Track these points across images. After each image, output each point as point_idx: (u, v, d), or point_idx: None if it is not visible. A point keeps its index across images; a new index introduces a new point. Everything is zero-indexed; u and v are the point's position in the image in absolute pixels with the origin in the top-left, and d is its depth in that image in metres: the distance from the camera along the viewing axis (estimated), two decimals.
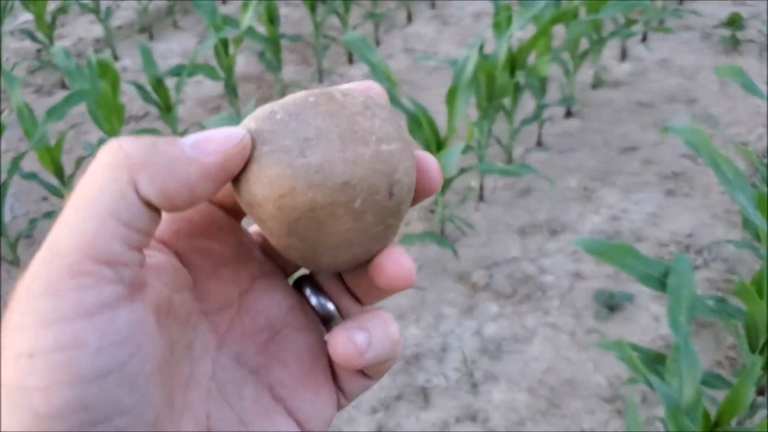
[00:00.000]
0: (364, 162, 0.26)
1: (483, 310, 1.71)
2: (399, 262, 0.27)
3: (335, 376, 0.30)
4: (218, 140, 0.25)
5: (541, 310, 1.70)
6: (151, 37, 3.20)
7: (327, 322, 0.31)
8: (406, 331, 1.67)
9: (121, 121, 2.01)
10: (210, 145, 0.25)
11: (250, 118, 0.27)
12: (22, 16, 3.40)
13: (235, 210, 0.30)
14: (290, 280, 0.33)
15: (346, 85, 0.29)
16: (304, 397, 0.29)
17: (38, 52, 3.17)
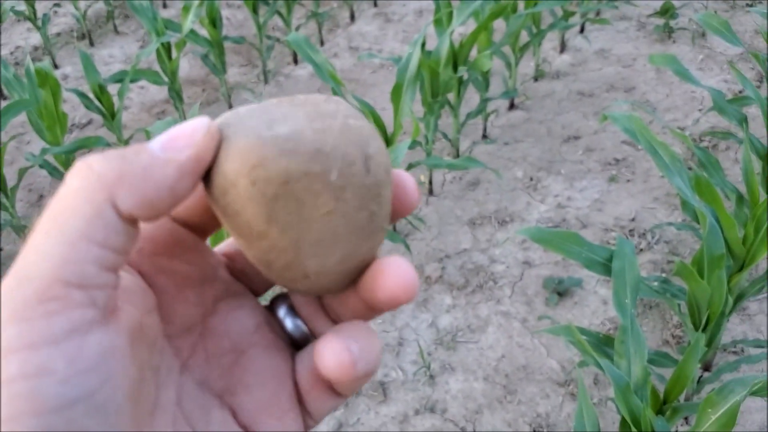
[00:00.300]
0: (333, 132, 0.25)
1: (437, 303, 1.73)
2: (401, 271, 0.26)
3: (301, 399, 0.29)
4: (186, 134, 0.24)
5: (494, 299, 1.73)
6: (91, 44, 3.13)
7: (300, 345, 0.30)
8: None
9: (64, 130, 1.96)
10: (179, 141, 0.24)
11: (218, 118, 0.26)
12: None
13: (199, 228, 0.29)
14: (262, 300, 0.31)
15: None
16: (268, 423, 0.28)
17: None
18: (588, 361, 1.32)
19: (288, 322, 0.30)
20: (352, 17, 3.17)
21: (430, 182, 2.07)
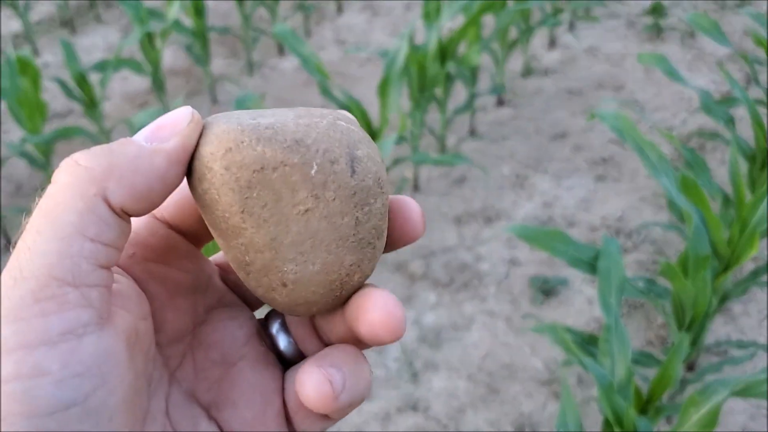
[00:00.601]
0: (319, 128, 0.24)
1: (421, 300, 1.72)
2: (388, 309, 0.25)
3: (289, 418, 0.28)
4: (171, 123, 0.24)
5: (479, 297, 1.72)
6: (73, 32, 3.08)
7: (292, 363, 0.29)
8: None
9: (44, 119, 1.93)
10: (164, 130, 0.24)
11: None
12: None
13: (194, 236, 0.28)
14: (256, 314, 0.31)
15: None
16: None
17: None
18: (572, 360, 1.31)
19: (281, 339, 0.29)
20: (339, 9, 3.15)
21: (416, 178, 2.06)
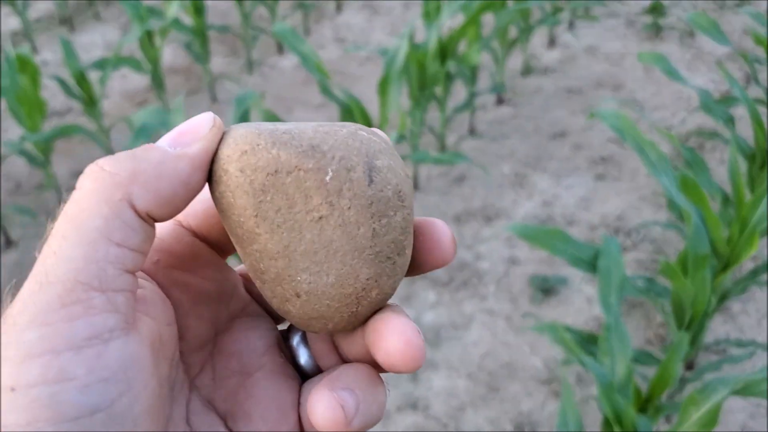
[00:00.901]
0: (337, 136, 0.24)
1: (421, 299, 1.72)
2: (406, 337, 0.24)
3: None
4: (193, 129, 0.24)
5: (478, 296, 1.72)
6: (72, 29, 3.07)
7: (309, 376, 0.29)
8: None
9: (43, 118, 1.92)
10: (187, 136, 0.24)
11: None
12: None
13: (219, 245, 0.28)
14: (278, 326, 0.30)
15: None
16: None
17: None
18: (572, 359, 1.31)
19: (301, 353, 0.29)
20: (339, 8, 3.14)
21: (416, 177, 2.06)
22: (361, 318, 0.26)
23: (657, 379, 1.17)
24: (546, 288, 1.71)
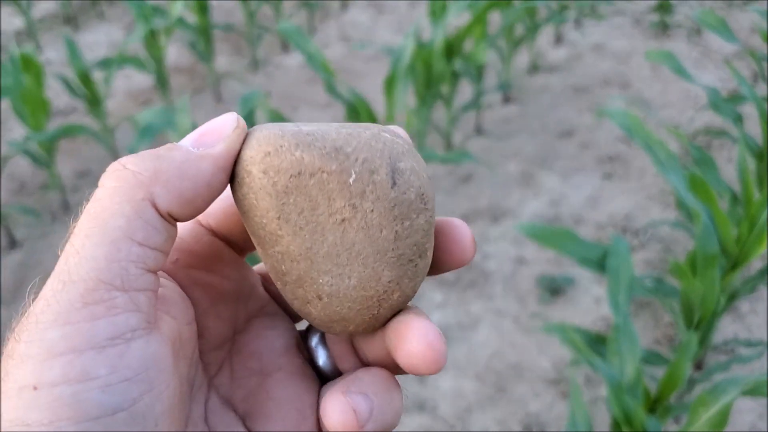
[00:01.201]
0: (361, 138, 0.24)
1: (428, 299, 1.71)
2: (429, 340, 0.24)
3: None
4: (217, 130, 0.24)
5: (485, 296, 1.71)
6: (75, 29, 3.07)
7: (327, 377, 0.29)
8: None
9: (47, 117, 1.92)
10: (211, 136, 0.24)
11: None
12: None
13: (238, 244, 0.28)
14: (297, 325, 0.30)
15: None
16: None
17: None
18: (581, 360, 1.30)
19: (319, 354, 0.29)
20: (344, 6, 3.13)
21: None
22: (381, 320, 0.26)
23: (666, 379, 1.16)
24: (553, 288, 1.70)
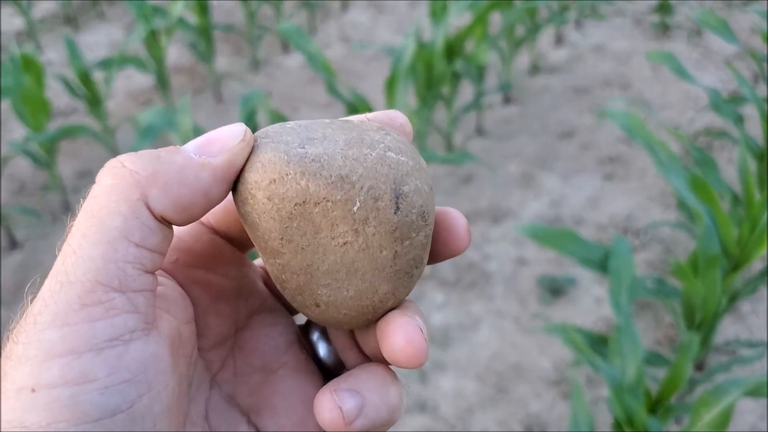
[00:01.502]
0: (367, 162, 0.24)
1: (429, 300, 1.71)
2: (409, 337, 0.24)
3: None
4: (222, 139, 0.24)
5: (486, 296, 1.71)
6: (76, 29, 3.07)
7: (332, 372, 0.29)
8: None
9: (48, 117, 1.92)
10: (215, 145, 0.24)
11: (264, 128, 0.26)
12: None
13: (239, 240, 0.28)
14: (296, 318, 0.31)
15: (371, 114, 0.27)
16: None
17: None
18: (582, 360, 1.30)
19: (320, 347, 0.29)
20: (344, 7, 3.13)
21: None
22: (376, 320, 0.26)
23: (668, 380, 1.16)
24: (554, 288, 1.70)
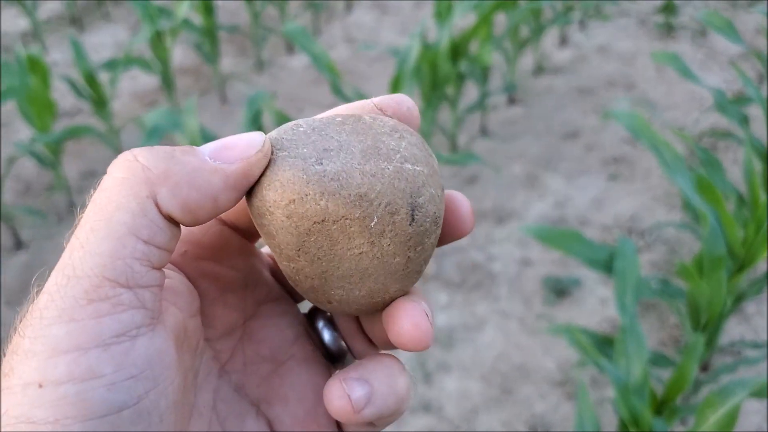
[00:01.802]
0: (384, 177, 0.24)
1: (433, 300, 1.71)
2: (415, 321, 0.25)
3: None
4: (240, 147, 0.24)
5: (491, 297, 1.71)
6: (81, 30, 3.08)
7: (337, 358, 0.29)
8: None
9: (53, 118, 1.93)
10: (232, 152, 0.24)
11: (274, 131, 0.26)
12: None
13: (248, 231, 0.28)
14: (301, 306, 0.31)
15: (378, 99, 0.27)
16: None
17: None
18: (587, 361, 1.30)
19: (326, 335, 0.29)
20: (348, 8, 3.14)
21: None
22: (383, 309, 0.27)
23: (673, 381, 1.16)
24: (559, 289, 1.70)
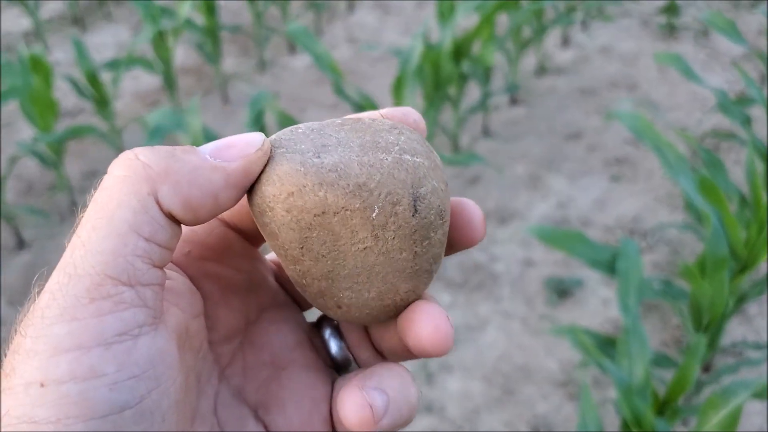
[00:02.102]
0: (383, 168, 0.24)
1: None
2: (435, 323, 0.25)
3: (334, 426, 0.28)
4: (240, 146, 0.24)
5: (493, 298, 1.71)
6: (83, 30, 3.08)
7: (341, 367, 0.29)
8: None
9: (55, 118, 1.93)
10: (232, 151, 0.24)
11: (274, 134, 0.26)
12: None
13: (252, 235, 0.28)
14: (307, 315, 0.31)
15: (384, 110, 0.27)
16: None
17: None
18: (589, 362, 1.30)
19: (332, 345, 0.29)
20: (351, 8, 3.14)
21: None
22: (396, 316, 0.27)
23: (675, 381, 1.16)
24: (561, 290, 1.70)
